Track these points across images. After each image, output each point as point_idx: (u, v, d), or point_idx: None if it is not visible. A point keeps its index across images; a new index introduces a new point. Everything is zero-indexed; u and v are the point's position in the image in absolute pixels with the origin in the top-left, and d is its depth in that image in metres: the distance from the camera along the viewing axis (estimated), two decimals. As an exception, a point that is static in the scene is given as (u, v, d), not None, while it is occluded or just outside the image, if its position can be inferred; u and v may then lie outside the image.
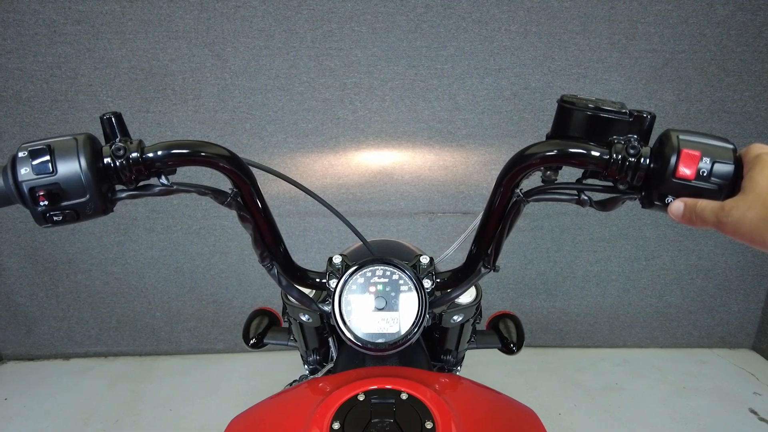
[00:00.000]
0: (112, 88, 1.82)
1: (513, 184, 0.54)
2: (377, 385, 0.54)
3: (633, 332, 2.26)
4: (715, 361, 2.20)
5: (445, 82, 1.86)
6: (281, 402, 0.62)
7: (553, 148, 0.51)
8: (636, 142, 0.48)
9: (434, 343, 0.82)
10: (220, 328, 2.20)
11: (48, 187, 0.46)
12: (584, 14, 1.79)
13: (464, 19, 1.78)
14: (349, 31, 1.78)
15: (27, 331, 2.17)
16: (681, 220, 0.45)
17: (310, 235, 2.05)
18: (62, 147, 0.47)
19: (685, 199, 0.45)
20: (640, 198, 0.50)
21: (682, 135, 0.46)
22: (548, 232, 2.09)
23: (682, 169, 0.45)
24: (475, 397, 0.62)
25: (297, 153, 1.93)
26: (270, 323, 0.92)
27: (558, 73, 1.86)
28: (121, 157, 0.49)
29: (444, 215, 2.05)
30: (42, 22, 1.74)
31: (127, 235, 2.03)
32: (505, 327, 0.88)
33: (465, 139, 1.93)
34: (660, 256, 2.13)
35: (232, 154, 0.54)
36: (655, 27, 1.81)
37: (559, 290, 2.19)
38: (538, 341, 2.26)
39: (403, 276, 0.61)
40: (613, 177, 0.49)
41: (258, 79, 1.83)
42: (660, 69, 1.87)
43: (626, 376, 2.09)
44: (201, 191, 0.54)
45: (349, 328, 0.59)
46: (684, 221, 0.45)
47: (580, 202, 0.53)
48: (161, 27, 1.75)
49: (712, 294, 2.20)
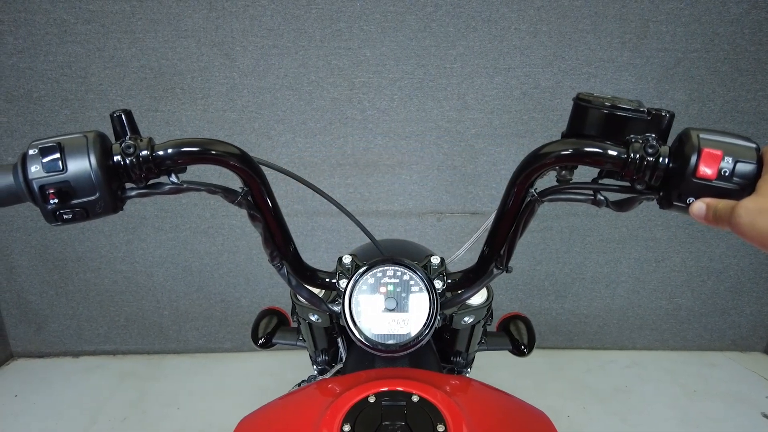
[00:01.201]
0: (122, 87, 1.83)
1: (527, 183, 0.53)
2: (388, 386, 0.54)
3: (643, 334, 2.24)
4: (726, 364, 2.17)
5: (454, 82, 1.85)
6: (291, 403, 0.62)
7: (568, 147, 0.50)
8: (654, 141, 0.47)
9: (444, 345, 0.82)
10: (227, 327, 2.20)
11: (58, 185, 0.46)
12: (595, 13, 1.77)
13: (474, 18, 1.77)
14: (358, 30, 1.77)
15: (37, 329, 2.18)
16: (703, 221, 0.45)
17: (317, 234, 2.05)
18: (72, 145, 0.47)
19: (707, 199, 0.44)
20: (658, 198, 0.49)
21: (702, 134, 0.45)
22: (557, 233, 2.07)
23: (703, 168, 0.44)
24: (487, 399, 0.61)
25: (305, 152, 1.93)
26: (279, 323, 0.92)
27: (568, 73, 1.84)
28: (131, 155, 0.48)
29: (452, 215, 2.04)
30: (53, 21, 1.75)
31: (135, 234, 2.04)
32: (516, 329, 0.87)
33: (474, 138, 1.92)
34: (670, 258, 2.11)
35: (242, 153, 0.53)
36: (667, 26, 1.79)
37: (569, 291, 2.18)
38: (547, 343, 2.25)
39: (414, 276, 0.60)
40: (630, 177, 0.48)
41: (266, 79, 1.83)
42: (672, 68, 1.85)
43: (636, 379, 2.07)
44: (211, 190, 0.53)
45: (359, 329, 0.58)
46: (706, 222, 0.44)
47: (596, 203, 0.52)
48: (170, 26, 1.76)
49: (723, 296, 2.17)
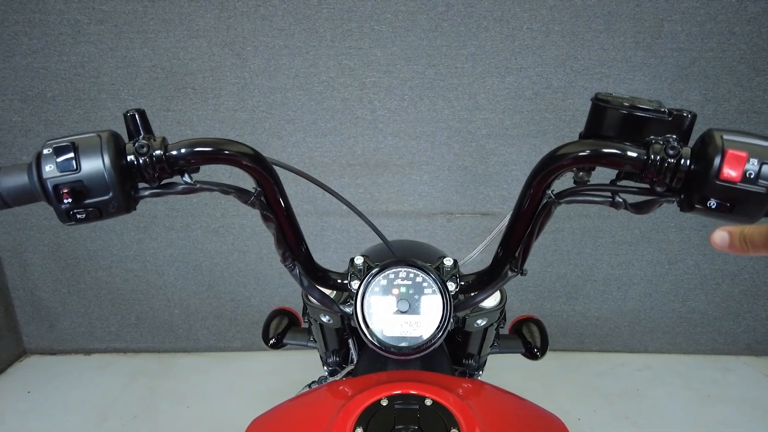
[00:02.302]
0: (134, 87, 1.84)
1: (544, 185, 0.52)
2: (401, 390, 0.53)
3: (655, 337, 2.22)
4: (740, 368, 2.14)
5: (466, 82, 1.83)
6: (303, 404, 0.61)
7: (586, 149, 0.49)
8: (675, 142, 0.46)
9: (456, 347, 0.81)
10: (237, 327, 2.21)
11: (72, 184, 0.46)
12: (608, 12, 1.75)
13: (485, 17, 1.76)
14: (369, 30, 1.77)
15: (50, 326, 2.21)
16: (729, 250, 0.40)
17: (328, 234, 2.05)
18: (86, 144, 0.47)
19: (728, 227, 0.40)
20: (679, 201, 0.48)
21: (726, 135, 0.43)
22: (569, 234, 2.05)
23: (727, 171, 0.42)
24: (500, 403, 0.61)
25: (315, 152, 1.93)
26: (290, 323, 0.91)
27: (581, 73, 1.83)
28: (145, 155, 0.48)
29: (462, 216, 2.03)
30: (66, 21, 1.76)
31: (146, 233, 2.05)
32: (529, 331, 0.86)
33: (485, 139, 1.91)
34: (684, 260, 2.08)
35: (255, 153, 0.53)
36: (682, 25, 1.76)
37: (580, 293, 2.16)
38: (558, 345, 2.23)
39: (427, 278, 0.59)
40: (650, 179, 0.47)
41: (277, 79, 1.83)
42: (686, 68, 1.82)
43: (647, 382, 2.04)
44: (224, 190, 0.53)
45: (372, 331, 0.58)
46: (733, 251, 0.39)
47: (615, 205, 0.51)
48: (182, 26, 1.77)
49: (738, 299, 2.14)
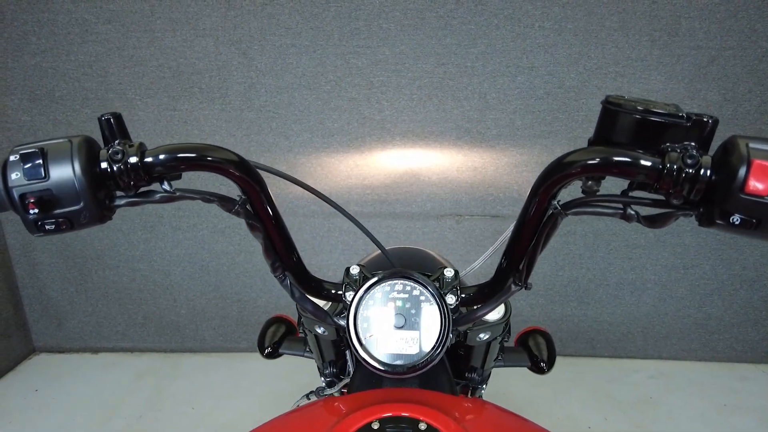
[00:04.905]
0: (141, 86, 1.83)
1: (549, 194, 0.49)
2: (392, 412, 0.50)
3: (669, 344, 2.15)
4: (759, 377, 2.07)
5: (476, 81, 1.80)
6: (293, 422, 0.59)
7: (595, 156, 0.45)
8: (694, 151, 0.42)
9: (458, 361, 0.78)
10: (243, 327, 2.20)
11: (39, 193, 0.43)
12: (623, 9, 1.70)
13: (496, 15, 1.72)
14: (377, 28, 1.74)
15: (58, 325, 2.21)
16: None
17: (334, 235, 2.03)
18: (56, 150, 0.44)
19: None
20: (698, 215, 0.44)
21: (752, 143, 0.39)
22: (581, 237, 2.00)
23: (753, 183, 0.38)
24: (502, 426, 0.57)
25: (322, 153, 1.90)
26: (287, 332, 0.88)
27: (594, 72, 1.78)
28: (119, 162, 0.45)
29: (472, 218, 1.99)
30: (74, 21, 1.76)
31: (153, 233, 2.05)
32: (536, 344, 0.82)
33: (495, 139, 1.87)
34: (700, 265, 2.02)
35: (240, 159, 0.50)
36: (701, 22, 1.70)
37: (591, 298, 2.11)
38: (568, 350, 2.18)
39: (425, 291, 0.56)
40: (666, 190, 0.43)
41: (284, 78, 1.81)
42: (704, 67, 1.76)
43: (661, 390, 1.99)
44: (206, 198, 0.50)
45: (365, 348, 0.55)
46: None
47: (626, 217, 0.47)
48: (189, 25, 1.75)
49: (757, 306, 2.07)
